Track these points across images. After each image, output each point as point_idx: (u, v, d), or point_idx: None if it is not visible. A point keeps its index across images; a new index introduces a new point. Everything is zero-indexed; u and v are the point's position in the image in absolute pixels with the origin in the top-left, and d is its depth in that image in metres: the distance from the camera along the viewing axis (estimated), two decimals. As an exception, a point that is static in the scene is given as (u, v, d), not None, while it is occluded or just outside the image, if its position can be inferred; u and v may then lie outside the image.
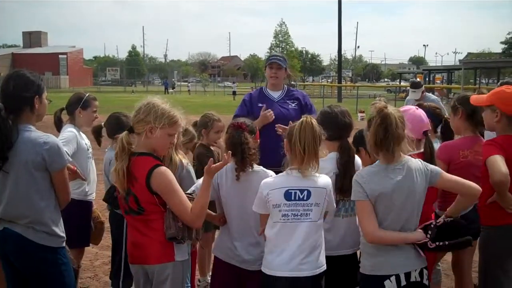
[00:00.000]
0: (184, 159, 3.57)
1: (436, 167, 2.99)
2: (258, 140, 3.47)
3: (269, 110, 4.77)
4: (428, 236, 2.89)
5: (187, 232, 3.03)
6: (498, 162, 3.24)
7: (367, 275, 2.96)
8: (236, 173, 3.28)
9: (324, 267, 3.13)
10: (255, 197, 3.14)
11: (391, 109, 2.89)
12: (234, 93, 47.00)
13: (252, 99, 5.08)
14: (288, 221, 3.04)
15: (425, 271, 2.97)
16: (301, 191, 3.04)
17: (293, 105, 4.98)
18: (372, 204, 2.86)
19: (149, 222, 3.00)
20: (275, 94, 5.04)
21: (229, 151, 3.12)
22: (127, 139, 2.99)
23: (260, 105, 4.91)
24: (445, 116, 4.26)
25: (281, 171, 3.18)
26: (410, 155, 2.98)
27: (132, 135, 3.03)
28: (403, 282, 2.88)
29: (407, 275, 2.89)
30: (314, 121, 3.07)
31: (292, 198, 3.03)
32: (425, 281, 2.97)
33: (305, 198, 3.03)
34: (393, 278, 2.87)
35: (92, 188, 4.70)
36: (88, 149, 4.63)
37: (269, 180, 3.14)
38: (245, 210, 3.30)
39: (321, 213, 3.09)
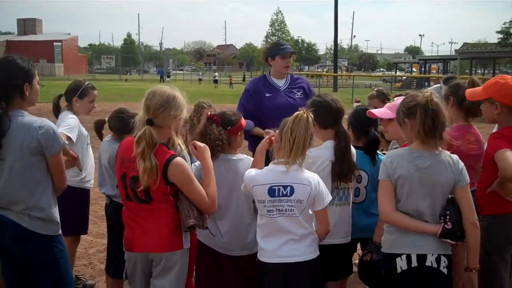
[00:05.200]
0: (182, 144, 3.58)
1: (467, 177, 2.98)
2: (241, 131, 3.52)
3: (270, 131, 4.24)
4: (446, 220, 2.88)
5: (201, 219, 3.06)
6: (510, 157, 3.21)
7: (385, 253, 3.03)
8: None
9: (317, 253, 3.13)
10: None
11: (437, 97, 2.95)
12: (215, 81, 48.60)
13: (257, 88, 5.00)
14: (273, 216, 3.04)
15: (443, 258, 2.93)
16: (285, 187, 3.02)
17: (299, 94, 4.96)
18: (394, 185, 2.92)
19: (154, 210, 3.00)
20: (280, 83, 4.99)
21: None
22: (153, 133, 2.89)
23: (268, 95, 4.87)
24: None
25: None
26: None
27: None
28: (414, 263, 2.90)
29: (421, 257, 2.90)
30: (311, 117, 3.07)
31: (276, 195, 3.02)
32: (443, 269, 2.92)
33: (288, 194, 3.01)
34: (404, 257, 2.91)
35: (90, 175, 4.69)
36: (87, 136, 4.62)
37: (253, 175, 3.12)
38: (232, 197, 3.35)
39: (305, 208, 3.06)
